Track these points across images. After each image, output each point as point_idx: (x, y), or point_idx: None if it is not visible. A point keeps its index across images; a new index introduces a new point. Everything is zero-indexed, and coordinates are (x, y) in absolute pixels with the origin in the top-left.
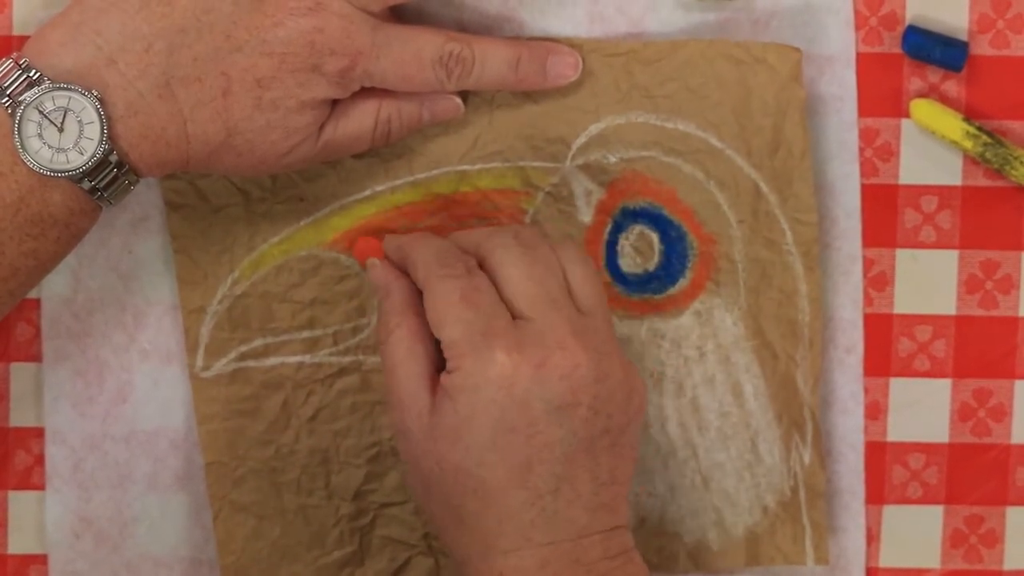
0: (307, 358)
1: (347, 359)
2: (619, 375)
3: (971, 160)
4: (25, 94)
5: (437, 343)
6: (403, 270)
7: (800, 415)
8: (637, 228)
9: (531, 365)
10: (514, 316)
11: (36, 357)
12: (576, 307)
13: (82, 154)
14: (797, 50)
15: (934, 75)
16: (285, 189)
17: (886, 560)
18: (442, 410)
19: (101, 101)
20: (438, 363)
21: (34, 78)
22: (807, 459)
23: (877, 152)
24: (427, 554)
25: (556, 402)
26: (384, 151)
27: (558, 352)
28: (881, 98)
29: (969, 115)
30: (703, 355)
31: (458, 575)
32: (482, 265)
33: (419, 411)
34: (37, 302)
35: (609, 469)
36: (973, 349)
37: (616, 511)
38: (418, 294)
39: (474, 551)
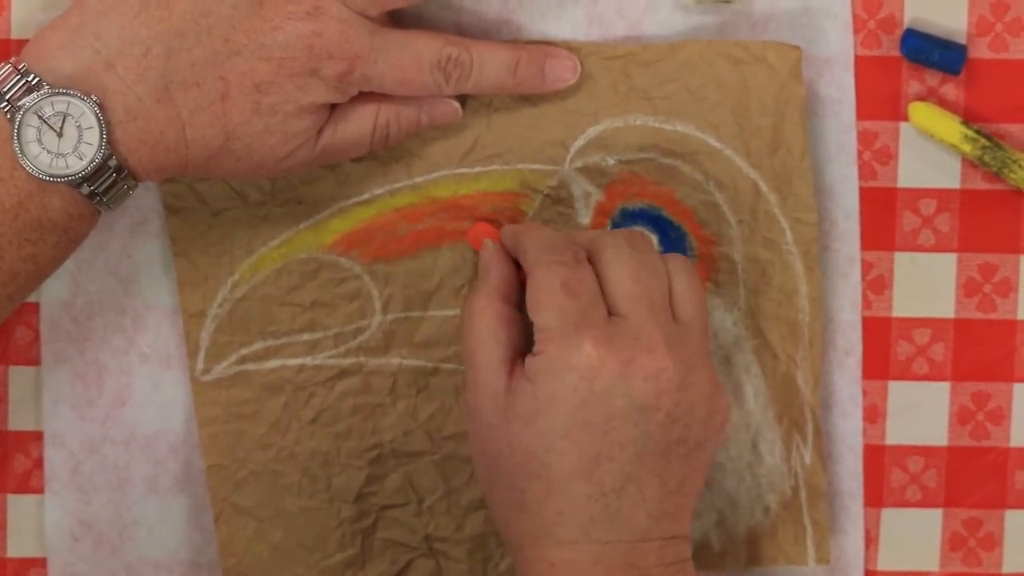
0: (308, 360)
1: (348, 361)
2: (705, 390)
3: (969, 163)
4: (24, 99)
5: (523, 335)
6: (514, 257)
7: (801, 415)
8: (636, 229)
9: (618, 361)
10: (611, 313)
11: (35, 361)
12: (675, 316)
13: (81, 159)
14: (796, 48)
15: (932, 78)
16: (284, 192)
17: (885, 563)
18: (520, 391)
19: (100, 106)
20: (520, 350)
21: (33, 83)
22: (808, 459)
23: (876, 155)
24: (429, 556)
25: (637, 402)
26: (383, 155)
27: (646, 354)
28: (879, 101)
29: (967, 118)
30: None
31: (512, 560)
32: (591, 260)
33: (495, 391)
34: (36, 306)
35: (679, 479)
36: (972, 352)
37: (679, 521)
38: (515, 282)
39: (529, 538)
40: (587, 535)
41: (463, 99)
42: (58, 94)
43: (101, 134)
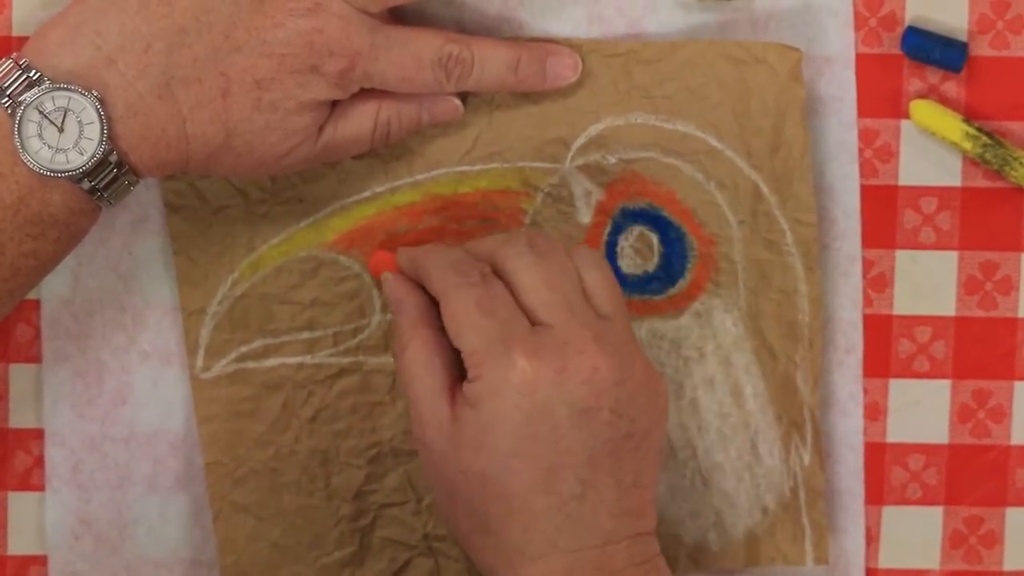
0: (307, 359)
1: (347, 360)
2: (641, 378)
3: (971, 161)
4: (25, 94)
5: (456, 354)
6: (418, 282)
7: (800, 415)
8: (636, 229)
9: (552, 370)
10: (532, 323)
11: (36, 358)
12: (594, 311)
13: (82, 154)
14: (797, 50)
15: (934, 76)
16: (284, 190)
17: (885, 561)
18: (464, 419)
19: (101, 101)
20: (456, 374)
21: (34, 78)
22: (807, 459)
23: (876, 153)
24: (427, 555)
25: (578, 406)
26: (383, 152)
27: (578, 357)
28: (880, 99)
29: (969, 116)
30: (703, 356)
31: None
32: (497, 273)
33: (439, 422)
34: (37, 303)
35: (634, 473)
36: (972, 350)
37: (642, 516)
38: (433, 306)
39: (500, 559)
40: (555, 546)
41: (464, 97)
42: (59, 89)
43: (102, 130)
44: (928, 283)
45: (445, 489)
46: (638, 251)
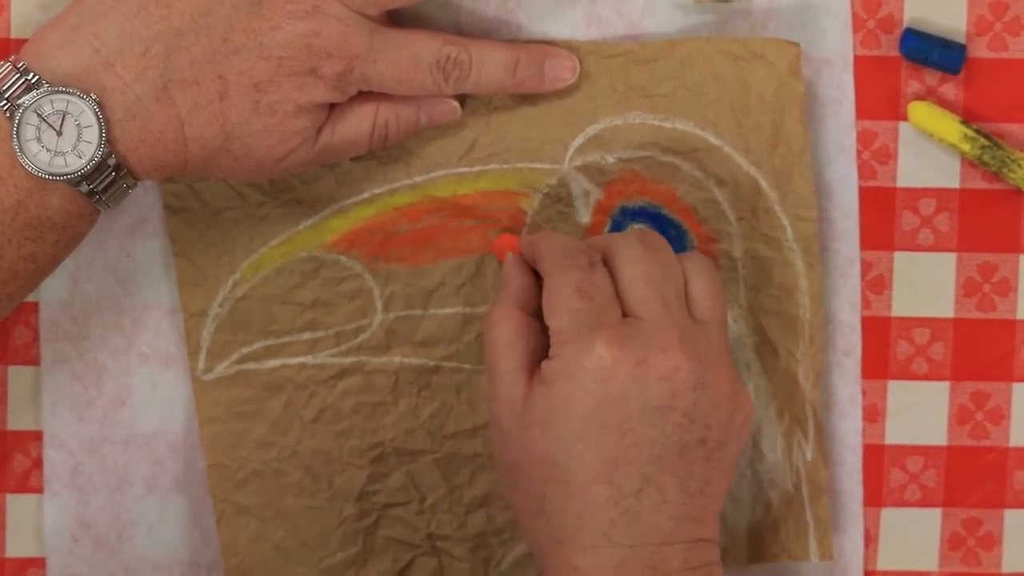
0: (309, 359)
1: (349, 360)
2: (724, 389)
3: (969, 163)
4: (23, 97)
5: (545, 341)
6: (533, 266)
7: (802, 412)
8: (636, 227)
9: (631, 362)
10: (626, 315)
11: (34, 360)
12: (692, 316)
13: (80, 157)
14: (795, 44)
15: (932, 78)
16: (283, 192)
17: (884, 563)
18: (537, 396)
19: (99, 104)
20: (540, 359)
21: (32, 81)
22: (809, 455)
23: (875, 155)
24: (431, 554)
25: (652, 403)
26: (382, 154)
27: (660, 354)
28: (879, 101)
29: (967, 118)
30: None
31: (536, 568)
32: (607, 264)
33: (513, 400)
34: (35, 305)
35: (701, 480)
36: (971, 352)
37: (704, 523)
38: (535, 291)
39: (552, 544)
40: (609, 539)
41: (462, 98)
42: (57, 92)
43: (100, 132)
44: (926, 285)
45: (508, 467)
46: None
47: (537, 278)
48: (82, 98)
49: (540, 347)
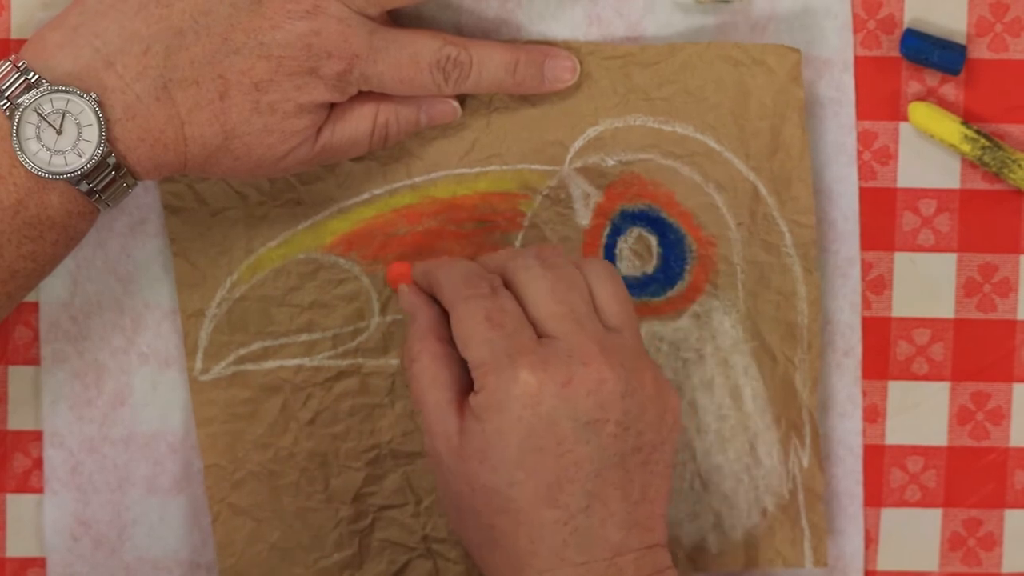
0: (306, 361)
1: (346, 362)
2: (650, 391)
3: (969, 163)
4: (23, 96)
5: (466, 366)
6: (432, 294)
7: (799, 418)
8: (635, 231)
9: (557, 383)
10: (540, 335)
11: (34, 360)
12: (604, 324)
13: (80, 156)
14: (796, 51)
15: (932, 78)
16: (283, 193)
17: (884, 563)
18: (470, 431)
19: (99, 103)
20: (466, 386)
21: (32, 80)
22: (806, 462)
23: (875, 155)
24: (426, 557)
25: (583, 419)
26: (382, 155)
27: (583, 369)
28: (879, 101)
29: (967, 118)
30: (702, 358)
31: None
32: (508, 285)
33: (448, 434)
34: (35, 305)
35: (641, 487)
36: (971, 352)
37: (652, 529)
38: (444, 319)
39: (508, 571)
40: (562, 559)
41: (462, 99)
42: (57, 91)
43: (100, 131)
44: (927, 285)
45: (454, 501)
46: (637, 253)
47: (441, 306)
48: (82, 97)
49: (464, 374)
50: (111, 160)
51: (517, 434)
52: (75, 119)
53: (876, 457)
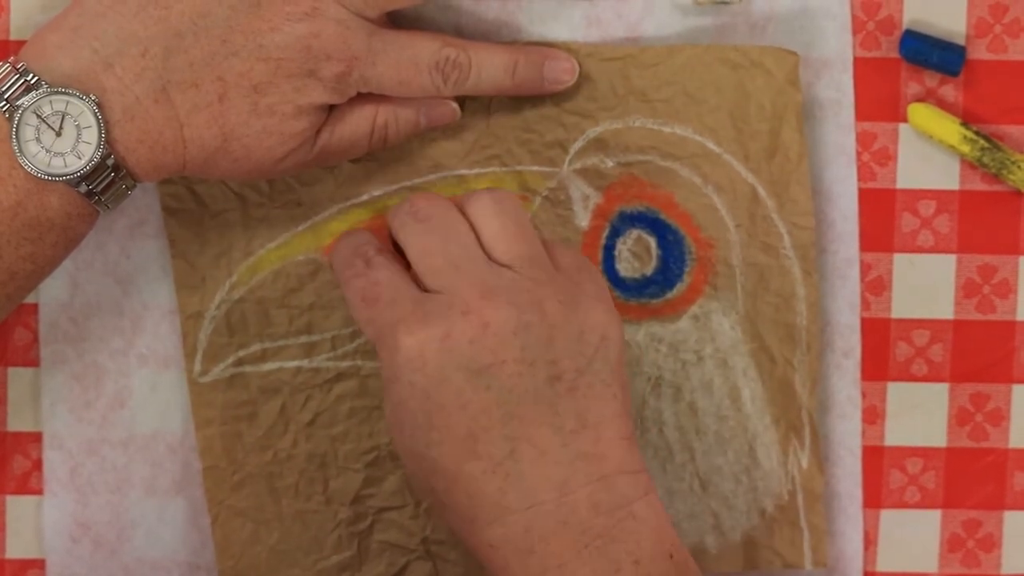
0: (305, 363)
1: (345, 364)
2: (556, 318)
3: (968, 164)
4: (23, 98)
5: None
6: None
7: (798, 419)
8: (635, 232)
9: (437, 339)
10: (426, 291)
11: (34, 362)
12: (496, 261)
13: (80, 158)
14: (794, 54)
15: (931, 79)
16: (282, 194)
17: (883, 564)
18: (387, 404)
19: (98, 105)
20: None
21: (32, 82)
22: (805, 463)
23: (874, 156)
24: (426, 558)
25: (475, 366)
26: (381, 156)
27: (463, 319)
28: (878, 102)
29: (966, 119)
30: (701, 359)
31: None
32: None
33: (384, 412)
34: (35, 307)
35: (576, 415)
36: (971, 353)
37: (602, 458)
38: None
39: (463, 527)
40: (504, 508)
41: (462, 100)
42: (57, 93)
43: (99, 133)
44: (926, 286)
45: (408, 473)
46: (636, 255)
47: None
48: (81, 99)
49: None
50: (110, 162)
51: (415, 399)
52: (74, 121)
53: (875, 458)
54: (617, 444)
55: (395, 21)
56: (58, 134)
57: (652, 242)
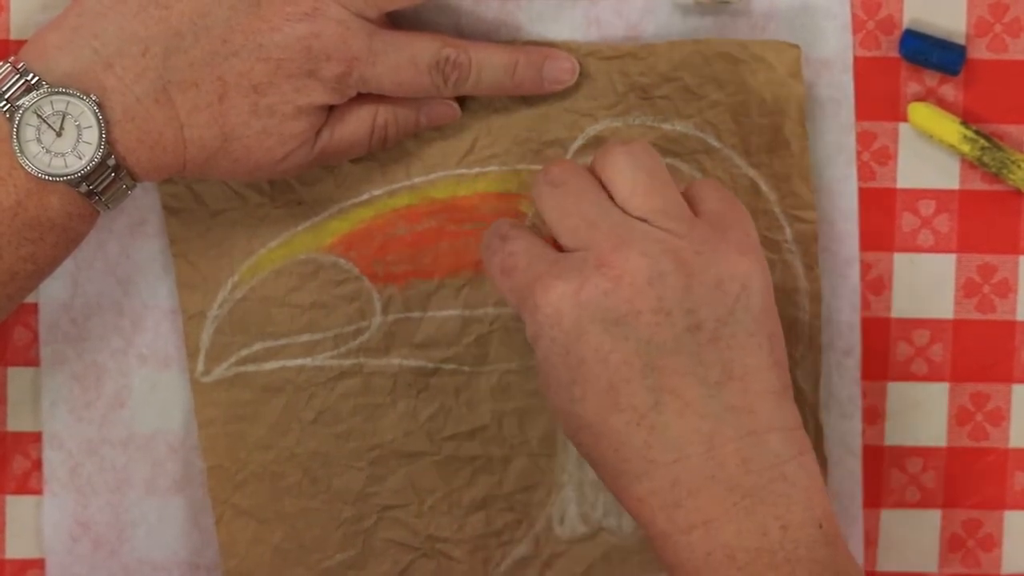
0: (308, 361)
1: (348, 362)
2: (692, 267)
3: (968, 164)
4: (23, 98)
5: None
6: None
7: (801, 415)
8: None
9: (571, 293)
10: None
11: (34, 361)
12: (630, 215)
13: (80, 158)
14: (795, 46)
15: (931, 79)
16: (283, 194)
17: (883, 564)
18: (537, 366)
19: (99, 105)
20: None
21: (32, 82)
22: None
23: (874, 156)
24: (430, 556)
25: (611, 317)
26: (381, 156)
27: (595, 272)
28: (878, 102)
29: (967, 119)
30: None
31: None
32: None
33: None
34: (35, 306)
35: (720, 366)
36: (971, 353)
37: (751, 412)
38: None
39: (612, 482)
40: (651, 462)
41: (462, 100)
42: (57, 93)
43: (100, 133)
44: (926, 286)
45: (563, 432)
46: None
47: None
48: (82, 99)
49: None
50: (111, 162)
51: (556, 355)
52: (75, 121)
53: (875, 458)
54: (766, 398)
55: (395, 21)
56: (58, 134)
57: None
